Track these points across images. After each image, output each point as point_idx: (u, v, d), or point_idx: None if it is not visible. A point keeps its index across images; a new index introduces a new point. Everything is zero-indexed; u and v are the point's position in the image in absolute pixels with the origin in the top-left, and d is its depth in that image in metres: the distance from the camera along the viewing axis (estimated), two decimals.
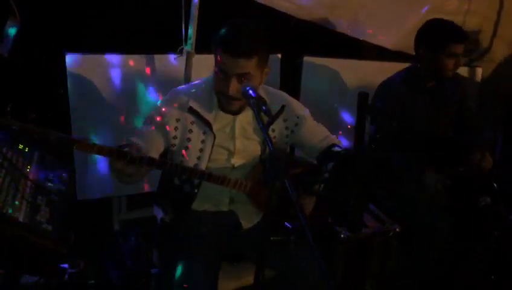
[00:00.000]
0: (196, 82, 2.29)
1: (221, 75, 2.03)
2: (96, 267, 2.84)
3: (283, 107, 2.27)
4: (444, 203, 2.80)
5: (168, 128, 2.15)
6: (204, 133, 2.17)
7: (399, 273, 2.77)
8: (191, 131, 2.16)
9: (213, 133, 2.16)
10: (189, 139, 2.16)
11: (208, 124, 2.15)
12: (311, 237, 1.35)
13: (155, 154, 2.13)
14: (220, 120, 2.19)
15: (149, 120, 2.19)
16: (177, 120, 2.15)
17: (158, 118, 2.15)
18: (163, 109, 2.16)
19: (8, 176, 1.77)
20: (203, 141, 2.17)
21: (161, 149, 2.18)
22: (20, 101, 3.03)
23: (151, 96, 3.09)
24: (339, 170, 2.24)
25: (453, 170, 2.93)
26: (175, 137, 2.16)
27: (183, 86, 2.30)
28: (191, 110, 2.15)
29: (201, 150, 2.17)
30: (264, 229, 1.84)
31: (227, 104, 2.12)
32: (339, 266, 2.54)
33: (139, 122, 3.09)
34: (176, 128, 2.16)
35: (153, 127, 2.15)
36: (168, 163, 2.04)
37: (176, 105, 2.16)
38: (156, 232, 2.41)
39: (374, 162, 2.17)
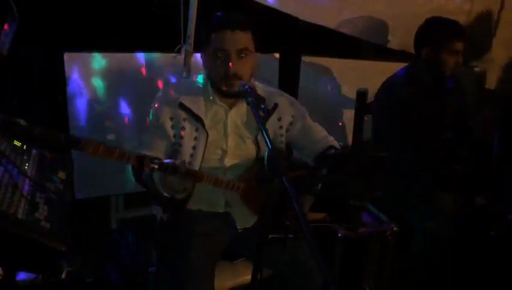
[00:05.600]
0: (185, 79, 2.28)
1: (221, 55, 2.03)
2: (94, 266, 2.85)
3: (276, 105, 2.25)
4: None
5: (165, 129, 2.14)
6: (196, 130, 2.15)
7: (397, 272, 2.77)
8: (183, 128, 2.14)
9: (205, 130, 2.14)
10: (181, 137, 2.15)
11: (199, 120, 2.13)
12: (310, 235, 1.35)
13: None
14: (212, 116, 2.18)
15: (150, 127, 2.19)
16: (171, 119, 2.14)
17: (156, 122, 2.15)
18: (157, 110, 2.16)
19: (6, 174, 1.77)
20: (195, 138, 2.15)
21: (169, 152, 2.20)
22: (18, 101, 3.05)
23: (150, 95, 3.08)
24: (336, 171, 2.24)
25: (449, 169, 2.93)
26: (174, 136, 2.16)
27: (172, 83, 2.29)
28: (182, 106, 2.13)
29: (194, 148, 2.15)
30: (261, 228, 1.84)
31: (229, 85, 2.06)
32: (337, 265, 2.54)
33: (137, 121, 3.10)
34: (172, 127, 2.15)
35: (155, 134, 2.16)
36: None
37: (167, 103, 2.15)
38: (155, 231, 2.41)
39: (371, 161, 2.16)
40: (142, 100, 3.10)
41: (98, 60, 2.98)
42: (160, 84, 3.10)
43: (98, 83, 2.98)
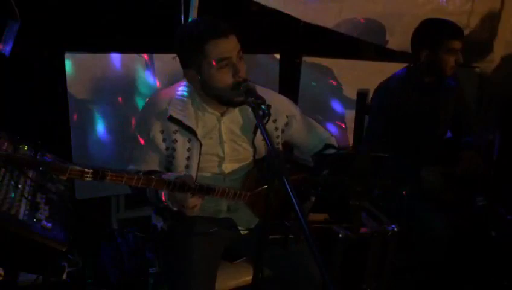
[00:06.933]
0: (172, 87, 2.19)
1: (225, 65, 1.95)
2: (94, 266, 2.85)
3: (269, 107, 2.20)
4: (441, 202, 2.80)
5: (157, 143, 2.10)
6: (189, 141, 2.10)
7: (397, 272, 2.78)
8: (175, 141, 2.09)
9: (198, 140, 2.09)
10: (174, 149, 2.10)
11: (191, 131, 2.08)
12: (311, 236, 1.35)
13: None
14: (203, 125, 2.13)
15: (140, 140, 2.14)
16: (162, 132, 2.09)
17: (146, 136, 2.10)
18: (146, 124, 2.10)
19: (7, 174, 1.78)
20: (189, 149, 2.10)
21: (163, 165, 2.17)
22: (19, 101, 3.06)
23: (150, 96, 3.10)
24: (336, 171, 2.23)
25: (449, 169, 2.93)
26: (167, 149, 2.12)
27: (158, 93, 2.20)
28: (172, 119, 2.06)
29: (188, 159, 2.11)
30: (262, 228, 1.84)
31: (236, 95, 1.98)
32: (337, 265, 2.55)
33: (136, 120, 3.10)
34: (163, 140, 2.10)
35: (148, 148, 2.12)
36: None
37: (155, 116, 2.08)
38: (155, 240, 2.40)
39: (372, 161, 2.17)
40: (143, 101, 3.10)
41: (99, 61, 2.98)
42: (160, 85, 3.11)
43: (98, 83, 2.99)
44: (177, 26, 2.86)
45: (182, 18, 2.88)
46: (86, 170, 1.68)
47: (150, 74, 3.09)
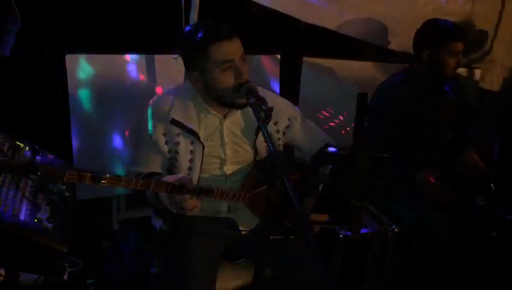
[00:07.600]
0: (174, 89, 2.19)
1: (228, 67, 1.95)
2: (95, 266, 2.85)
3: (271, 109, 2.20)
4: (440, 204, 2.80)
5: (159, 145, 2.10)
6: (192, 143, 2.10)
7: (397, 272, 2.78)
8: (178, 143, 2.10)
9: (201, 142, 2.09)
10: (177, 152, 2.11)
11: (194, 134, 2.08)
12: (311, 237, 1.36)
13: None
14: (206, 126, 2.13)
15: (143, 143, 2.15)
16: (164, 134, 2.10)
17: (149, 139, 2.11)
18: (148, 126, 2.11)
19: (8, 175, 1.78)
20: (191, 152, 2.11)
21: (165, 167, 2.18)
22: (19, 101, 3.06)
23: (151, 97, 3.10)
24: (337, 171, 2.23)
25: (451, 170, 2.93)
26: (169, 151, 2.12)
27: (161, 95, 2.20)
28: (174, 122, 2.07)
29: (191, 161, 2.12)
30: (263, 229, 1.84)
31: (238, 97, 1.99)
32: (338, 266, 2.55)
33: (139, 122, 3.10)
34: (166, 143, 2.11)
35: (150, 150, 2.12)
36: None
37: (158, 119, 2.09)
38: (155, 240, 2.40)
39: (372, 161, 2.17)
40: (144, 102, 3.09)
41: (99, 61, 2.98)
42: (161, 86, 3.11)
43: (99, 84, 2.98)
44: (178, 27, 2.90)
45: (183, 19, 2.88)
46: (83, 174, 1.69)
47: (151, 75, 3.09)
